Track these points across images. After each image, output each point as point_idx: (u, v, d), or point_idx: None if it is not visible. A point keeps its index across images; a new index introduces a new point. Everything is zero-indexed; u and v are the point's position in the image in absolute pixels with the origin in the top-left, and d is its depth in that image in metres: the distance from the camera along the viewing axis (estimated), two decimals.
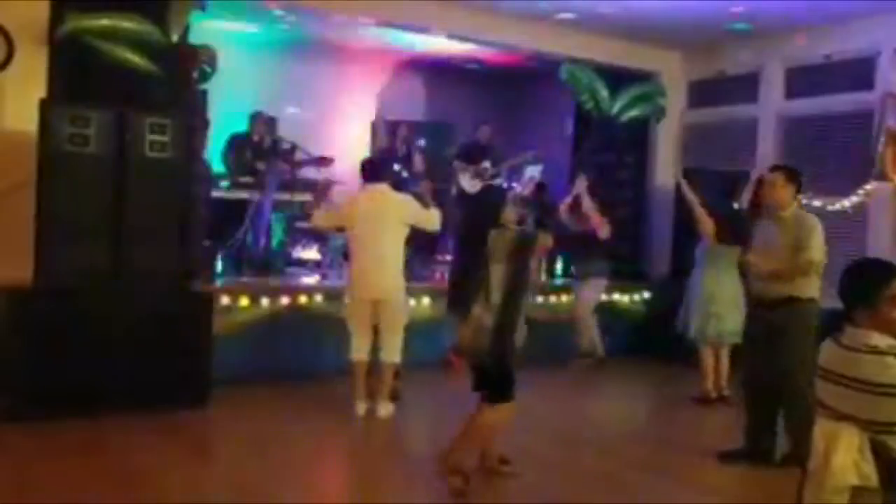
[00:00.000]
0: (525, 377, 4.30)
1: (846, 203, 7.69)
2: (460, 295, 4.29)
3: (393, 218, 5.57)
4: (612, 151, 9.11)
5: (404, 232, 5.62)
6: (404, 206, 5.65)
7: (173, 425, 5.19)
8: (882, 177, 7.27)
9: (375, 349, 5.75)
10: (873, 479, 2.75)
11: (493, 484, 4.42)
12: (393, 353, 5.67)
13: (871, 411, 2.71)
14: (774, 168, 5.06)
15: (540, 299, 7.80)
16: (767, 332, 4.76)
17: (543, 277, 8.18)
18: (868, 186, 7.51)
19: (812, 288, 4.73)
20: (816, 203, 7.87)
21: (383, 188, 5.70)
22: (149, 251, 5.46)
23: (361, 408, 5.61)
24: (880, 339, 2.76)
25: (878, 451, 2.76)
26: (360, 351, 5.66)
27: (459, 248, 4.67)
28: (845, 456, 2.75)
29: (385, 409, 5.65)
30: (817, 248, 4.66)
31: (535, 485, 4.45)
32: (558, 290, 8.11)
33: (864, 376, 2.71)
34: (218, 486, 4.38)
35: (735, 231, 5.96)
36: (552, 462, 4.92)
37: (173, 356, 5.46)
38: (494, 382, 4.15)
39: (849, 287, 2.87)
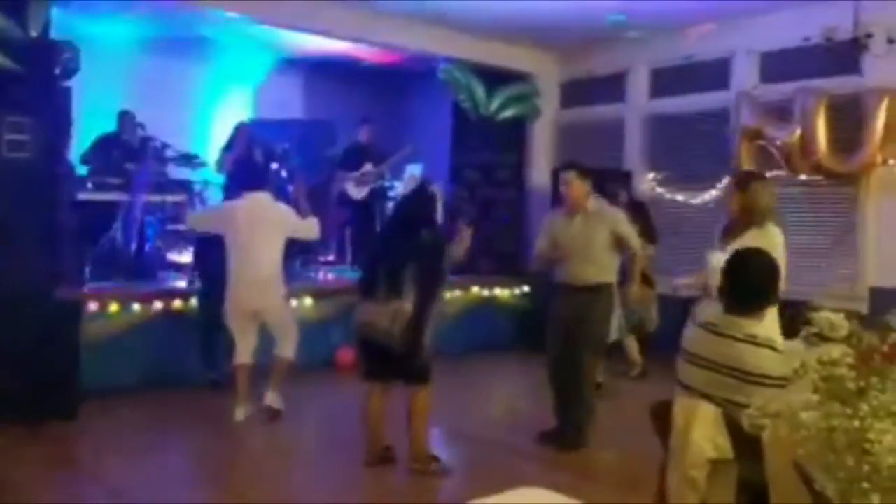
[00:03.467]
0: None
1: (706, 196, 8.14)
2: (371, 282, 4.53)
3: (272, 228, 5.53)
4: (491, 151, 9.29)
5: (283, 241, 5.58)
6: (285, 218, 5.65)
7: (40, 438, 4.95)
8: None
9: (258, 351, 5.68)
10: (728, 451, 2.93)
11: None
12: (288, 348, 5.65)
13: (733, 393, 2.85)
14: (566, 166, 5.25)
15: None
16: (572, 315, 5.05)
17: None
18: (725, 180, 7.97)
19: (613, 273, 5.14)
20: (679, 197, 8.32)
21: (264, 198, 5.64)
22: (9, 256, 5.18)
23: (241, 413, 5.47)
24: (760, 330, 2.90)
25: (732, 425, 2.96)
26: (243, 355, 5.56)
27: (381, 243, 4.90)
28: (702, 431, 2.91)
29: (273, 399, 5.57)
30: (636, 237, 5.16)
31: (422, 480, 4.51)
32: None
33: (735, 363, 2.84)
34: (90, 494, 4.23)
35: None
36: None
37: (38, 366, 5.20)
38: (412, 369, 4.42)
39: (751, 281, 2.95)
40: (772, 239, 4.13)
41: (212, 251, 5.83)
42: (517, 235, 9.52)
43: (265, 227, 5.49)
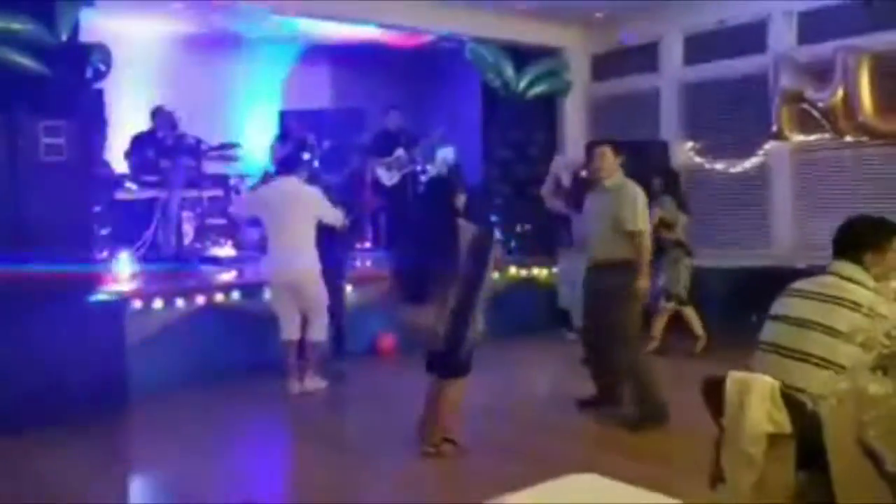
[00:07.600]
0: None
1: (747, 164, 7.96)
2: (410, 283, 4.45)
3: (303, 208, 5.91)
4: (522, 129, 9.17)
5: (314, 221, 5.92)
6: (314, 200, 6.00)
7: (93, 437, 5.02)
8: (779, 136, 7.54)
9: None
10: (786, 426, 2.86)
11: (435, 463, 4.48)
12: (320, 331, 5.99)
13: (829, 318, 2.93)
14: (600, 142, 5.42)
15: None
16: (601, 292, 5.12)
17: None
18: (767, 147, 7.79)
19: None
20: (719, 166, 8.14)
21: (294, 181, 6.01)
22: (50, 258, 5.22)
23: (295, 387, 5.87)
24: (857, 273, 3.03)
25: (789, 400, 2.88)
26: (290, 331, 5.94)
27: (409, 239, 4.89)
28: (759, 406, 2.85)
29: (312, 382, 5.97)
30: (642, 219, 5.04)
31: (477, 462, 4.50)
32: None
33: (829, 290, 3.02)
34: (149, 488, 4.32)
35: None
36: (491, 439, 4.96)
37: (86, 367, 5.25)
38: (450, 363, 4.38)
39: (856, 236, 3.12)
40: None
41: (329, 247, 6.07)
42: (552, 215, 9.38)
43: (297, 206, 5.86)
